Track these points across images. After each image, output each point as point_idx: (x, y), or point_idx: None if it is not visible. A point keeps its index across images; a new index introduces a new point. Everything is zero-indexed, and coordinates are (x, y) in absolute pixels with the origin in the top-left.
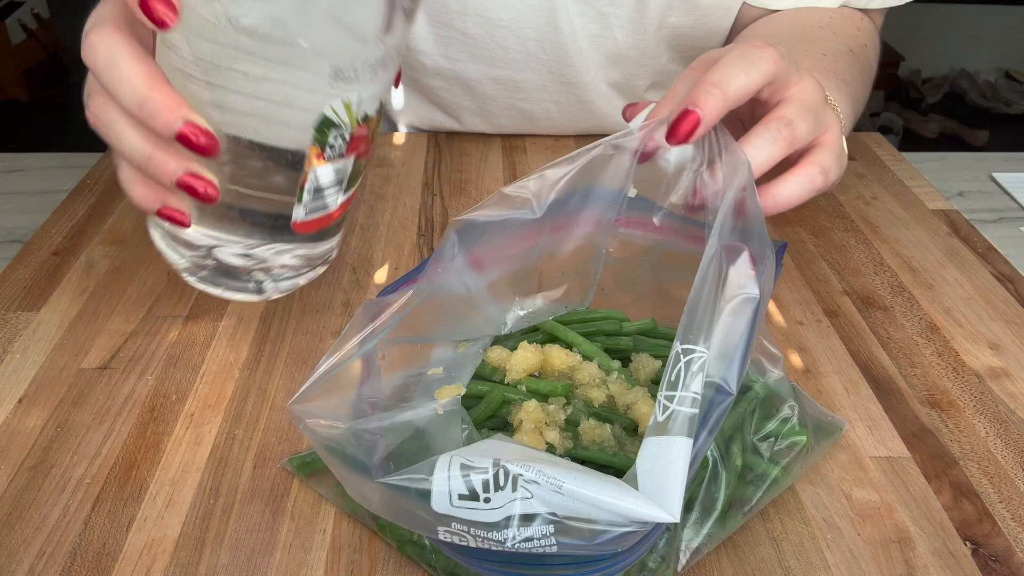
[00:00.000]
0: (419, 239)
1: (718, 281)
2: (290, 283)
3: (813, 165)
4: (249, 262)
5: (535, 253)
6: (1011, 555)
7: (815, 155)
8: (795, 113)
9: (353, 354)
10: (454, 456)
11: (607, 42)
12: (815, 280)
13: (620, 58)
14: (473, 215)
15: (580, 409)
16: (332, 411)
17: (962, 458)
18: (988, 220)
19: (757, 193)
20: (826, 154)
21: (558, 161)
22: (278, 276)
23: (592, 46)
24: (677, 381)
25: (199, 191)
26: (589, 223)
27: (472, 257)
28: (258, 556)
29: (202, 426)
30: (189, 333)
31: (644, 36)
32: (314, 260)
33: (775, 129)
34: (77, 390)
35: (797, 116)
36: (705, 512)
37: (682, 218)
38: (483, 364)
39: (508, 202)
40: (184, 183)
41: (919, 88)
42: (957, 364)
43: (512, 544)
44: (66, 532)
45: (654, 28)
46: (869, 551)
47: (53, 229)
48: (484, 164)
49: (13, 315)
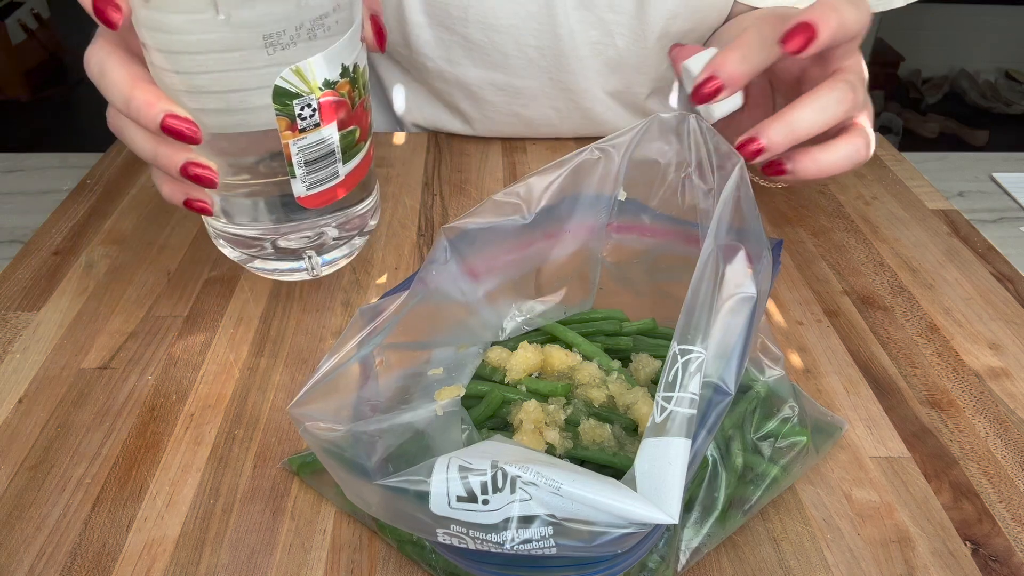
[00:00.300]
0: (419, 239)
1: (715, 281)
2: (333, 258)
3: (860, 137)
4: (299, 243)
5: (530, 260)
6: (1011, 555)
7: (860, 128)
8: (856, 81)
9: (351, 357)
10: (452, 458)
11: (607, 49)
12: (815, 280)
13: (620, 65)
14: (463, 222)
15: (580, 409)
16: (332, 414)
17: (962, 458)
18: (988, 220)
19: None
20: (870, 130)
21: (547, 167)
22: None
23: (592, 53)
24: (675, 382)
25: (200, 177)
26: (581, 228)
27: (466, 265)
28: (258, 556)
29: (202, 426)
30: (189, 333)
31: (645, 43)
32: (350, 232)
33: (841, 91)
34: (77, 390)
35: (858, 84)
36: (705, 512)
37: (675, 220)
38: (483, 364)
39: (498, 209)
40: (186, 172)
41: (919, 88)
42: (957, 364)
43: (511, 546)
44: (66, 532)
45: (655, 36)
46: (869, 551)
47: (53, 229)
48: (484, 164)
49: (13, 315)
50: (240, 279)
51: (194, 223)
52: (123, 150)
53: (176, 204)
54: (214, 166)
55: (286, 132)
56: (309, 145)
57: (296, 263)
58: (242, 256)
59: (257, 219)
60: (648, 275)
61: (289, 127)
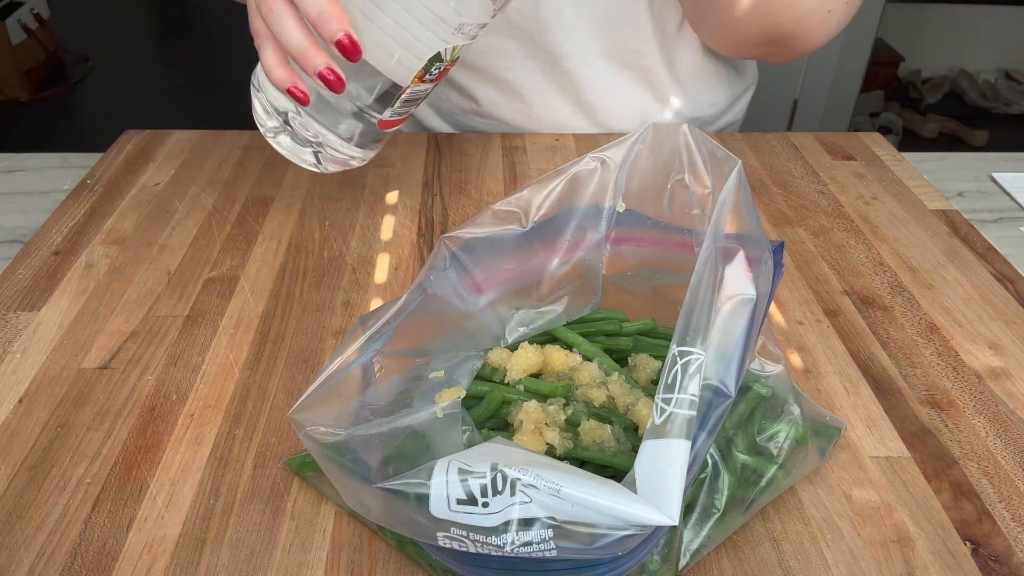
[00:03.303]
0: (419, 239)
1: (714, 282)
2: (342, 160)
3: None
4: (313, 138)
5: (531, 272)
6: (1011, 555)
7: None
8: None
9: (352, 362)
10: (452, 460)
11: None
12: (815, 280)
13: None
14: (462, 232)
15: (580, 410)
16: (332, 419)
17: (962, 458)
18: (988, 220)
19: None
20: None
21: (544, 176)
22: (328, 156)
23: (575, 13)
24: (674, 384)
25: (332, 82)
26: (580, 239)
27: (467, 275)
28: (258, 556)
29: (202, 426)
30: (189, 333)
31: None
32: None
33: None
34: (77, 390)
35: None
36: (705, 513)
37: (673, 228)
38: (483, 364)
39: (497, 218)
40: (324, 75)
41: (919, 88)
42: (957, 364)
43: (511, 548)
44: (66, 532)
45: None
46: (869, 551)
47: (53, 229)
48: (484, 164)
49: (13, 315)
50: (240, 279)
51: (194, 223)
52: (123, 150)
53: (279, 86)
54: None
55: (414, 80)
56: (417, 92)
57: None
58: (275, 124)
59: (325, 120)
60: (647, 282)
61: (419, 78)
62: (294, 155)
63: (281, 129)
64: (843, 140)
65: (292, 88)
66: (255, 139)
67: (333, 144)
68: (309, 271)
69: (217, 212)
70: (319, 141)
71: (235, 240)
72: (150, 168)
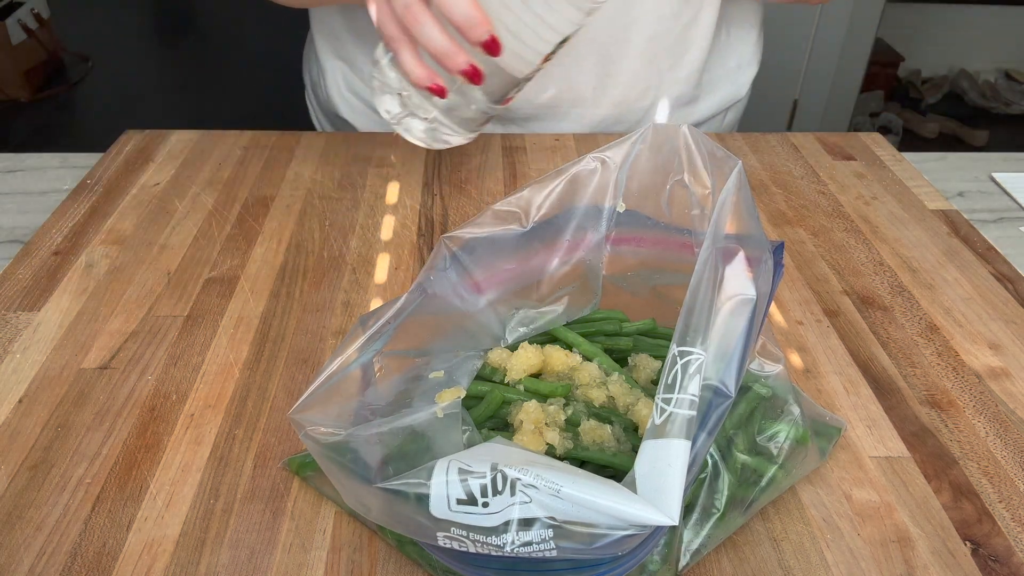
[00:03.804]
0: (419, 239)
1: (714, 282)
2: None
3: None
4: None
5: (532, 272)
6: (1011, 555)
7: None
8: None
9: (352, 362)
10: (452, 460)
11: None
12: (815, 280)
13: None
14: (462, 232)
15: (580, 410)
16: (332, 419)
17: (962, 458)
18: (988, 220)
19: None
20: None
21: (544, 176)
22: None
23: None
24: (674, 384)
25: (473, 76)
26: (581, 239)
27: (467, 275)
28: (258, 556)
29: (202, 426)
30: (189, 333)
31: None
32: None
33: None
34: (77, 390)
35: None
36: (705, 513)
37: (673, 229)
38: (483, 364)
39: (497, 218)
40: (467, 72)
41: (919, 88)
42: (957, 364)
43: (511, 548)
44: (66, 532)
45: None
46: (869, 551)
47: (53, 229)
48: (484, 164)
49: (13, 315)
50: (240, 279)
51: (194, 223)
52: (123, 150)
53: (418, 83)
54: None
55: (540, 62)
56: (536, 71)
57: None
58: (396, 108)
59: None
60: (647, 282)
61: (545, 59)
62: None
63: (405, 114)
64: (843, 140)
65: (431, 86)
66: (255, 139)
67: (453, 126)
68: (309, 271)
69: (217, 212)
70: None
71: (235, 240)
72: (150, 168)
